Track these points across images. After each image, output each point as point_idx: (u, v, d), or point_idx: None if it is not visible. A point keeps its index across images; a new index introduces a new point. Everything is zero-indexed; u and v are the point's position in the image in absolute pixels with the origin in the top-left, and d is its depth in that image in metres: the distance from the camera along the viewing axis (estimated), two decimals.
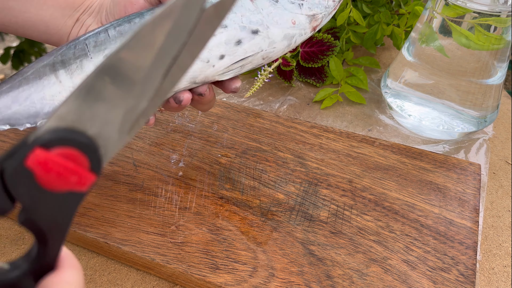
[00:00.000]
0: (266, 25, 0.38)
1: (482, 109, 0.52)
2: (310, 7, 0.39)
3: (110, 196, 0.44)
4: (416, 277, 0.38)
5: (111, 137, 0.18)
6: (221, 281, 0.37)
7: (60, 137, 0.17)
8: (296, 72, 0.64)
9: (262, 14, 0.39)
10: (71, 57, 0.36)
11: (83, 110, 0.17)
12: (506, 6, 0.45)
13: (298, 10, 0.39)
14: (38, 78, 0.37)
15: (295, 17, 0.39)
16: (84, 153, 0.18)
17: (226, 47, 0.38)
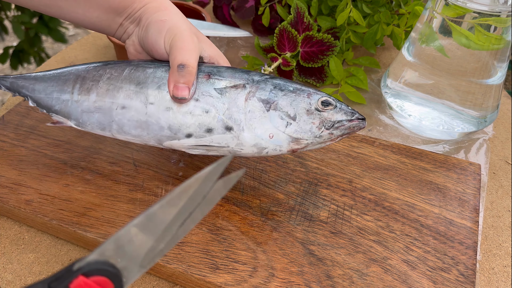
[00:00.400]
0: (243, 127, 0.39)
1: (482, 109, 0.52)
2: (297, 130, 0.38)
3: (110, 196, 0.44)
4: (416, 277, 0.38)
5: (133, 270, 0.25)
6: (221, 281, 0.37)
7: (98, 269, 0.23)
8: (296, 72, 0.64)
9: (246, 116, 0.39)
10: (89, 78, 0.43)
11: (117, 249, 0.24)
12: (506, 6, 0.45)
13: (282, 128, 0.38)
14: (60, 82, 0.44)
15: (275, 133, 0.38)
16: (112, 281, 0.24)
17: (196, 129, 0.39)
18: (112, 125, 0.41)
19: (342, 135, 0.39)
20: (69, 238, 0.42)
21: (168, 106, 0.40)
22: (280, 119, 0.38)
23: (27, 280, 0.40)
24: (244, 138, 0.39)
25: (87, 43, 0.76)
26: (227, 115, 0.39)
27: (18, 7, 1.43)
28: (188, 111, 0.39)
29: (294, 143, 0.39)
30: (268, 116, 0.39)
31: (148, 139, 0.41)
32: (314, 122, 0.38)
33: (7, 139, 0.50)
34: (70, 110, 0.43)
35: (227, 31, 0.67)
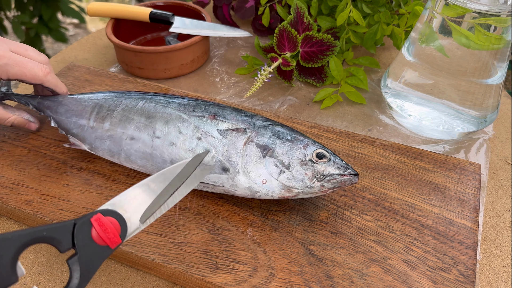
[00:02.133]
0: (238, 170, 0.41)
1: (482, 109, 0.52)
2: (289, 178, 0.40)
3: (110, 196, 0.44)
4: (416, 277, 0.38)
5: (134, 222, 0.32)
6: (221, 281, 0.37)
7: (111, 212, 0.31)
8: (296, 72, 0.64)
9: (242, 159, 0.41)
10: (106, 106, 0.47)
11: (124, 203, 0.32)
12: (506, 6, 0.45)
13: (275, 175, 0.40)
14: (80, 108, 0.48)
15: (268, 179, 0.40)
16: (119, 224, 0.31)
17: None
18: (121, 154, 0.45)
19: (333, 188, 0.40)
20: None
21: (172, 142, 0.43)
22: (274, 166, 0.40)
23: (27, 280, 0.40)
24: (238, 180, 0.41)
25: (87, 43, 0.76)
26: (225, 156, 0.41)
27: (17, 7, 1.43)
28: (190, 148, 0.42)
29: (285, 190, 0.40)
30: (263, 162, 0.41)
31: (152, 170, 0.44)
32: (306, 173, 0.40)
33: (7, 139, 0.50)
34: (85, 135, 0.46)
35: (227, 31, 0.67)
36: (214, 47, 0.73)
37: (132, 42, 0.72)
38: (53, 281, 0.40)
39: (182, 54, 0.64)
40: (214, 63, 0.70)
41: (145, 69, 0.64)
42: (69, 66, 0.62)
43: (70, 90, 0.58)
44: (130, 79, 0.60)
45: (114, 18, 0.68)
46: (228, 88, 0.64)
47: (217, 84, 0.65)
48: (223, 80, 0.66)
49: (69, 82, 0.59)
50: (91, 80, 0.59)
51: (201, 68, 0.68)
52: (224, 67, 0.69)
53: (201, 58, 0.67)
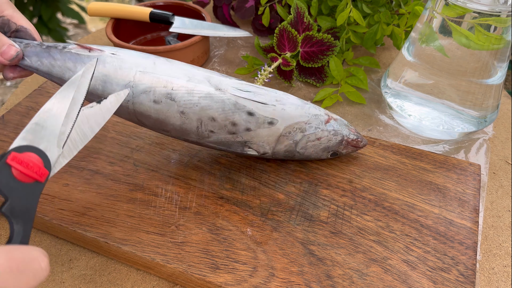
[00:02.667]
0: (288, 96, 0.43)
1: (482, 109, 0.52)
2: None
3: (110, 196, 0.44)
4: (416, 277, 0.38)
5: (53, 150, 0.31)
6: (221, 281, 0.37)
7: (25, 147, 0.29)
8: (296, 72, 0.64)
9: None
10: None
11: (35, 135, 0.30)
12: (506, 6, 0.45)
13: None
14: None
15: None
16: (39, 156, 0.29)
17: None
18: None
19: (357, 134, 0.46)
20: (69, 238, 0.42)
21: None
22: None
23: None
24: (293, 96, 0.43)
25: (87, 43, 0.75)
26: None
27: (17, 7, 1.43)
28: None
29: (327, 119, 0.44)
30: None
31: (196, 73, 0.41)
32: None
33: (7, 139, 0.50)
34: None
35: (227, 31, 0.67)
36: (214, 47, 0.73)
37: (132, 42, 0.72)
38: (53, 281, 0.40)
39: (182, 54, 0.64)
40: (214, 63, 0.70)
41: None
42: None
43: None
44: None
45: (114, 18, 0.68)
46: None
47: None
48: None
49: None
50: None
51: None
52: (224, 67, 0.69)
53: (201, 58, 0.67)
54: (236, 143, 0.42)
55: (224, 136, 0.42)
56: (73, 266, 0.41)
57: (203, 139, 0.42)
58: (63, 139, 0.31)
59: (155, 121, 0.41)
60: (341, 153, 0.47)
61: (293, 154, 0.45)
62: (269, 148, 0.43)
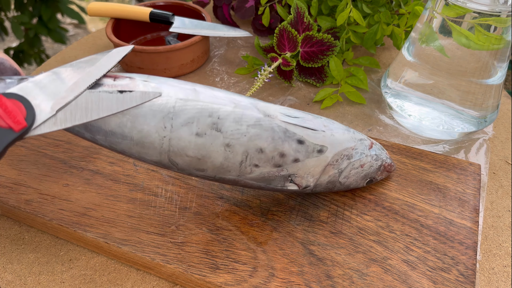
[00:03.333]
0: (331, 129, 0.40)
1: (482, 109, 0.52)
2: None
3: (110, 196, 0.44)
4: (416, 277, 0.38)
5: (44, 110, 0.29)
6: (221, 281, 0.37)
7: (15, 95, 0.29)
8: (296, 72, 0.64)
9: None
10: None
11: (36, 90, 0.29)
12: (506, 6, 0.45)
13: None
14: None
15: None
16: (24, 107, 0.28)
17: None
18: None
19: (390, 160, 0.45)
20: (69, 238, 0.42)
21: None
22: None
23: (27, 280, 0.40)
24: (332, 121, 0.41)
25: (87, 43, 0.76)
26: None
27: (17, 7, 1.43)
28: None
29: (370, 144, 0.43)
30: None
31: (242, 99, 0.37)
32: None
33: None
34: None
35: (227, 31, 0.67)
36: (214, 47, 0.73)
37: (132, 42, 0.72)
38: (53, 281, 0.40)
39: (182, 54, 0.64)
40: (214, 63, 0.70)
41: (145, 69, 0.64)
42: None
43: None
44: None
45: (114, 18, 0.68)
46: (228, 88, 0.64)
47: (217, 84, 0.65)
48: (223, 80, 0.66)
49: None
50: None
51: (201, 68, 0.68)
52: (224, 67, 0.69)
53: (201, 58, 0.67)
54: (279, 177, 0.38)
55: (268, 170, 0.37)
56: (73, 266, 0.41)
57: (243, 176, 0.37)
58: (60, 103, 0.29)
59: (191, 160, 0.36)
60: (376, 180, 0.45)
61: (334, 185, 0.42)
62: (312, 180, 0.39)
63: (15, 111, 0.28)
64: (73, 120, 0.30)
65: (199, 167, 0.36)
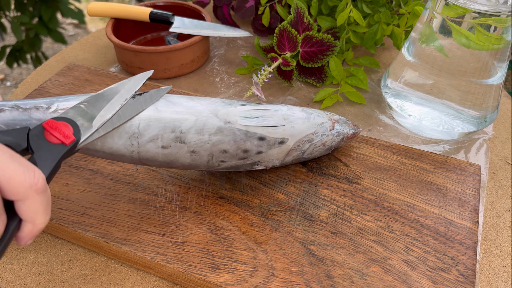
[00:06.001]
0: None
1: (482, 109, 0.52)
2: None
3: (110, 196, 0.44)
4: (416, 277, 0.38)
5: (88, 127, 0.35)
6: (221, 281, 0.37)
7: (62, 118, 0.34)
8: (296, 72, 0.64)
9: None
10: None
11: (77, 113, 0.35)
12: (506, 6, 0.45)
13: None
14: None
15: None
16: (71, 126, 0.34)
17: (248, 103, 0.42)
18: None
19: (355, 125, 0.48)
20: (69, 237, 0.42)
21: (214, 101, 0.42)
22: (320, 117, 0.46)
23: (27, 280, 0.40)
24: (292, 106, 0.44)
25: (87, 43, 0.76)
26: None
27: (17, 7, 1.43)
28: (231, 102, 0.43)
29: (329, 114, 0.46)
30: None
31: (202, 110, 0.39)
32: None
33: None
34: None
35: (227, 31, 0.67)
36: (214, 47, 0.73)
37: (132, 42, 0.72)
38: (53, 281, 0.40)
39: (182, 54, 0.64)
40: (214, 63, 0.70)
41: (145, 69, 0.64)
42: (69, 66, 0.62)
43: (70, 90, 0.58)
44: None
45: (114, 18, 0.68)
46: (228, 88, 0.64)
47: (217, 84, 0.65)
48: (223, 80, 0.66)
49: (69, 81, 0.59)
50: (91, 80, 0.59)
51: (201, 68, 0.68)
52: (224, 67, 0.69)
53: (201, 58, 0.67)
54: (246, 165, 0.42)
55: (235, 163, 0.41)
56: (73, 266, 0.41)
57: (212, 168, 0.42)
58: (100, 120, 0.35)
59: (162, 163, 0.40)
60: (341, 147, 0.49)
61: (299, 160, 0.46)
62: (277, 162, 0.43)
63: (65, 129, 0.33)
64: (112, 125, 0.36)
65: (171, 166, 0.41)
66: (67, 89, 0.58)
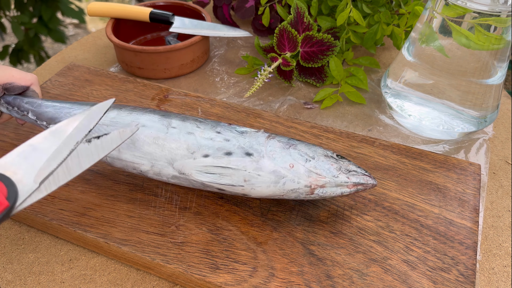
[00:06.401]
0: (263, 155, 0.39)
1: (482, 109, 0.52)
2: (316, 166, 0.39)
3: (110, 196, 0.44)
4: (416, 277, 0.38)
5: (27, 184, 0.28)
6: (221, 281, 0.37)
7: None
8: (296, 72, 0.64)
9: (266, 148, 0.40)
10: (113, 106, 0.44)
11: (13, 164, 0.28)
12: (506, 6, 0.45)
13: (302, 161, 0.39)
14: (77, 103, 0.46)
15: (295, 164, 0.39)
16: (6, 186, 0.27)
17: (215, 151, 0.39)
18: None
19: (357, 184, 0.38)
20: (69, 238, 0.42)
21: (190, 131, 0.41)
22: (299, 155, 0.39)
23: (27, 280, 0.40)
24: (263, 163, 0.39)
25: (87, 43, 0.76)
26: (248, 145, 0.40)
27: (17, 7, 1.43)
28: (209, 137, 0.40)
29: (312, 178, 0.38)
30: (288, 151, 0.40)
31: (159, 157, 0.40)
32: (332, 164, 0.39)
33: (7, 139, 0.50)
34: None
35: (227, 31, 0.67)
36: (214, 47, 0.73)
37: (132, 42, 0.72)
38: (53, 281, 0.40)
39: (182, 54, 0.64)
40: (214, 63, 0.70)
41: (145, 69, 0.64)
42: (69, 66, 0.62)
43: (70, 90, 0.58)
44: (130, 79, 0.60)
45: (114, 18, 0.68)
46: (228, 88, 0.64)
47: (217, 84, 0.65)
48: (223, 80, 0.66)
49: (69, 82, 0.59)
50: (91, 80, 0.59)
51: (201, 68, 0.68)
52: (224, 67, 0.69)
53: (201, 58, 0.67)
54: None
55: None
56: (73, 266, 0.41)
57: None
58: (43, 174, 0.28)
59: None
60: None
61: None
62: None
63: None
64: (57, 182, 0.30)
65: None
66: (67, 89, 0.58)
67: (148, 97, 0.57)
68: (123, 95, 0.57)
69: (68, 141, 0.30)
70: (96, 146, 0.31)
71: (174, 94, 0.57)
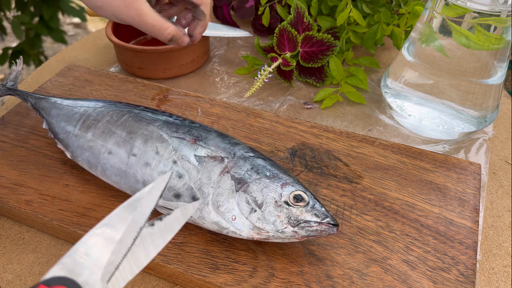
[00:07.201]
0: (208, 201, 0.38)
1: (482, 109, 0.52)
2: (260, 218, 0.37)
3: (110, 196, 0.44)
4: (416, 277, 0.38)
5: (95, 284, 0.25)
6: (221, 281, 0.37)
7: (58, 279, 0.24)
8: (296, 72, 0.64)
9: (215, 190, 0.39)
10: (93, 116, 0.46)
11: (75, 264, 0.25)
12: (506, 6, 0.45)
13: (246, 213, 0.37)
14: (70, 114, 0.48)
15: (238, 216, 0.37)
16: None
17: (166, 192, 0.40)
18: (98, 167, 0.44)
19: (308, 236, 0.37)
20: (69, 238, 0.42)
21: (147, 162, 0.41)
22: (246, 203, 0.37)
23: (27, 280, 0.40)
24: (207, 213, 0.38)
25: (87, 43, 0.76)
26: (197, 185, 0.39)
27: (18, 7, 1.43)
28: (164, 171, 0.40)
29: (254, 231, 0.37)
30: (235, 196, 0.38)
31: (125, 188, 0.43)
32: (279, 216, 0.37)
33: (7, 139, 0.50)
34: (69, 142, 0.46)
35: (227, 31, 0.67)
36: (214, 47, 0.73)
37: (132, 42, 0.72)
38: None
39: (182, 54, 0.64)
40: (214, 63, 0.70)
41: (145, 69, 0.64)
42: (69, 66, 0.62)
43: (70, 90, 0.58)
44: (130, 79, 0.60)
45: None
46: (228, 88, 0.64)
47: (217, 84, 0.65)
48: (223, 80, 0.66)
49: (69, 82, 0.59)
50: (91, 80, 0.59)
51: (201, 68, 0.68)
52: (224, 67, 0.69)
53: (201, 58, 0.67)
54: None
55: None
56: None
57: None
58: (110, 270, 0.26)
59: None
60: None
61: None
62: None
63: None
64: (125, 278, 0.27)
65: None
66: (67, 90, 0.58)
67: (148, 97, 0.57)
68: (123, 95, 0.57)
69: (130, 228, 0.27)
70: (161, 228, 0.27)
71: (174, 94, 0.57)
